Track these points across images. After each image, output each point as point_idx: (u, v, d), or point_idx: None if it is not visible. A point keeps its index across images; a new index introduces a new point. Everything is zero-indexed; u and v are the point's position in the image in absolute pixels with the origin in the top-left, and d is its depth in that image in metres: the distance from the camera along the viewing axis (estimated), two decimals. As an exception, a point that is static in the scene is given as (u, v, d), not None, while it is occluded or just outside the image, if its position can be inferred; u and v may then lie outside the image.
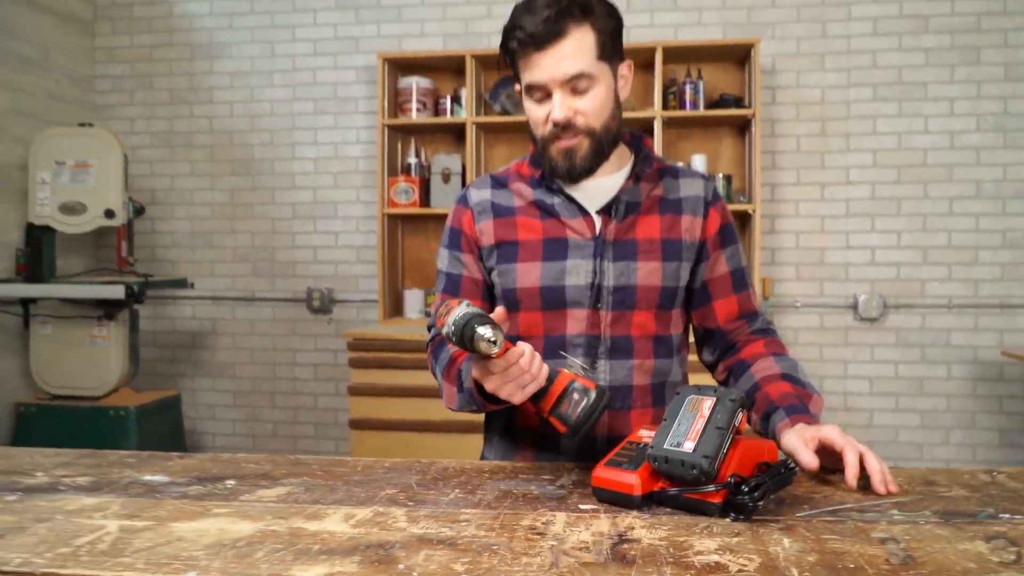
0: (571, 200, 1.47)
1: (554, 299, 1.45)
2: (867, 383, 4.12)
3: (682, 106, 4.00)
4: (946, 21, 4.02)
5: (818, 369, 4.14)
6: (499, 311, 1.20)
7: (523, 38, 1.34)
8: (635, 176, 1.48)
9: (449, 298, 1.24)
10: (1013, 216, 3.99)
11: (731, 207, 3.91)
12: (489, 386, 1.21)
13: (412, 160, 4.24)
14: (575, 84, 1.35)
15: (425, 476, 1.27)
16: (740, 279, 1.53)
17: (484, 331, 1.13)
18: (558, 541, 0.96)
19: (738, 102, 4.00)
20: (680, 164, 1.56)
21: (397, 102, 4.24)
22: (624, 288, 1.43)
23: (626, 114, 3.91)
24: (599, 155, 1.42)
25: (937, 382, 4.07)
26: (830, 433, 1.20)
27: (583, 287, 1.43)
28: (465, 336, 1.14)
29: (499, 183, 1.56)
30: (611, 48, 1.39)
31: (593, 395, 1.18)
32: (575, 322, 1.44)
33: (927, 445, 4.07)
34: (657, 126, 3.92)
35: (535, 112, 1.41)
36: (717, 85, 4.16)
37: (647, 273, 1.43)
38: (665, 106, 4.01)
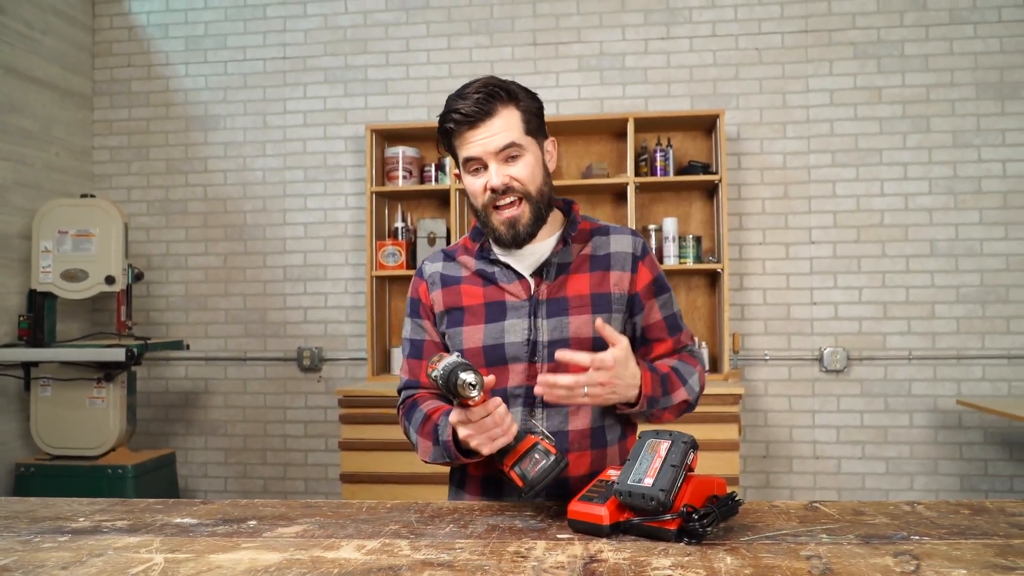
0: (508, 267, 1.67)
1: (496, 356, 1.63)
2: (834, 432, 4.31)
3: (653, 172, 4.25)
4: (898, 92, 4.33)
5: (788, 419, 4.34)
6: (490, 378, 1.39)
7: (459, 118, 1.56)
8: (564, 239, 1.68)
9: (443, 352, 1.44)
10: (965, 273, 4.24)
11: (701, 266, 4.15)
12: (462, 433, 1.40)
13: (399, 224, 4.46)
14: (507, 153, 1.57)
15: (423, 514, 1.45)
16: (674, 324, 1.72)
17: (467, 376, 1.33)
18: (539, 562, 1.14)
19: (706, 168, 4.25)
20: (612, 224, 1.78)
21: (384, 170, 4.47)
22: (558, 342, 1.60)
23: (602, 180, 4.18)
24: (539, 219, 1.62)
25: (900, 430, 4.27)
26: (607, 354, 1.41)
27: (520, 343, 1.62)
28: (451, 379, 1.34)
29: (449, 256, 1.75)
30: (535, 126, 1.62)
31: (552, 458, 1.38)
32: (515, 375, 1.62)
33: (893, 491, 4.25)
34: (630, 191, 4.16)
35: (473, 184, 1.61)
36: (686, 152, 4.42)
37: (579, 326, 1.61)
38: (637, 172, 4.26)
